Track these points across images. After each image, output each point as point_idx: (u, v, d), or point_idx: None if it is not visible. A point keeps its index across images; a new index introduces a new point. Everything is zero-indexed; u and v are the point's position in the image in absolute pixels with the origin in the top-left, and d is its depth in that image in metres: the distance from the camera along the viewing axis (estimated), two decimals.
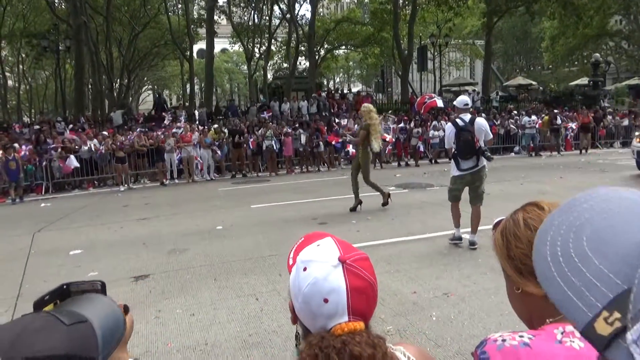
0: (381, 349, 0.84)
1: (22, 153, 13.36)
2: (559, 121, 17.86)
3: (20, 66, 35.74)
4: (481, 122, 5.73)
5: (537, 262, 0.51)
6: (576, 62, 40.26)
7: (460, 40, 35.98)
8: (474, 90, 26.88)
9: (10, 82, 37.23)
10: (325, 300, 0.86)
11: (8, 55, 36.15)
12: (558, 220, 0.52)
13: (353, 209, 8.35)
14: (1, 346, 0.61)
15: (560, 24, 29.73)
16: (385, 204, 8.37)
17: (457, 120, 5.75)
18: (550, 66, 41.67)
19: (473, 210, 5.76)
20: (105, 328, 0.74)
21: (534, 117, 18.12)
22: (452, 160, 5.80)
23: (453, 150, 5.76)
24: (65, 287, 0.83)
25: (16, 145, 13.40)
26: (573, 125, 18.40)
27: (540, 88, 30.86)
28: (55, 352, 0.62)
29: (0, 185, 12.81)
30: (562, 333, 0.88)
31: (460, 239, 5.81)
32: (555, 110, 19.27)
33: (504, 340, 0.89)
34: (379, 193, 8.37)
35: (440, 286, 4.56)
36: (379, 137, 8.09)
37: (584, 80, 29.04)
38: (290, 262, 0.99)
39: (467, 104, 5.78)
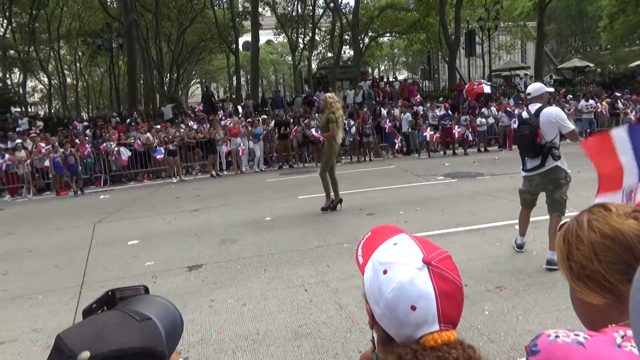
0: None
1: (86, 151, 14.11)
2: (620, 105, 16.87)
3: (78, 64, 37.49)
4: (550, 112, 4.68)
5: (636, 301, 0.36)
6: (637, 41, 37.79)
7: (510, 23, 34.60)
8: (525, 75, 25.86)
9: (69, 80, 39.19)
10: (413, 308, 0.79)
11: (66, 54, 38.00)
12: None
13: (326, 209, 7.88)
14: (86, 340, 0.67)
15: (619, 0, 27.96)
16: (324, 209, 7.88)
17: (524, 112, 5.02)
18: (609, 46, 39.32)
19: (550, 220, 4.81)
20: (167, 325, 0.78)
21: (591, 102, 17.21)
22: (520, 157, 5.10)
23: None
24: (110, 293, 0.88)
25: (77, 141, 14.16)
26: (632, 116, 17.28)
27: (598, 70, 29.30)
28: (134, 345, 0.68)
29: (64, 178, 13.57)
30: (622, 337, 0.81)
31: (522, 247, 5.12)
32: (618, 94, 18.17)
33: (557, 337, 0.84)
34: (324, 194, 7.91)
35: (492, 279, 4.45)
36: (342, 129, 7.76)
37: None
38: (361, 260, 0.93)
39: (529, 93, 4.98)
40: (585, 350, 0.80)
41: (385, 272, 0.83)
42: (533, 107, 4.82)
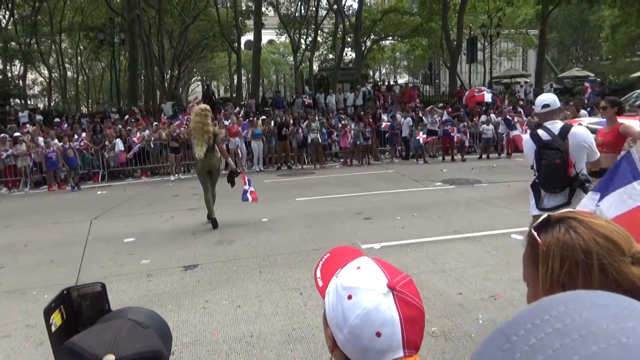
0: None
1: (76, 142, 14.01)
2: None
3: (79, 58, 37.40)
4: (582, 135, 3.66)
5: None
6: (638, 52, 37.95)
7: (512, 30, 34.68)
8: (526, 82, 25.91)
9: (69, 73, 39.08)
10: (378, 334, 0.79)
11: (67, 48, 37.92)
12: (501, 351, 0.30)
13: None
14: (107, 345, 0.70)
15: (621, 11, 28.05)
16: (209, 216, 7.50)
17: (540, 131, 3.75)
18: (610, 57, 39.47)
19: None
20: (161, 332, 0.82)
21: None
22: (532, 191, 3.88)
23: (534, 176, 3.89)
24: (65, 291, 0.91)
25: (76, 136, 14.14)
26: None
27: (598, 80, 29.32)
28: (148, 348, 0.73)
29: (60, 173, 13.53)
30: None
31: None
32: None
33: None
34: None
35: (487, 288, 4.46)
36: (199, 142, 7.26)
37: None
38: (320, 283, 0.93)
39: (547, 105, 3.82)
40: None
41: (350, 297, 0.82)
42: (553, 126, 3.73)
